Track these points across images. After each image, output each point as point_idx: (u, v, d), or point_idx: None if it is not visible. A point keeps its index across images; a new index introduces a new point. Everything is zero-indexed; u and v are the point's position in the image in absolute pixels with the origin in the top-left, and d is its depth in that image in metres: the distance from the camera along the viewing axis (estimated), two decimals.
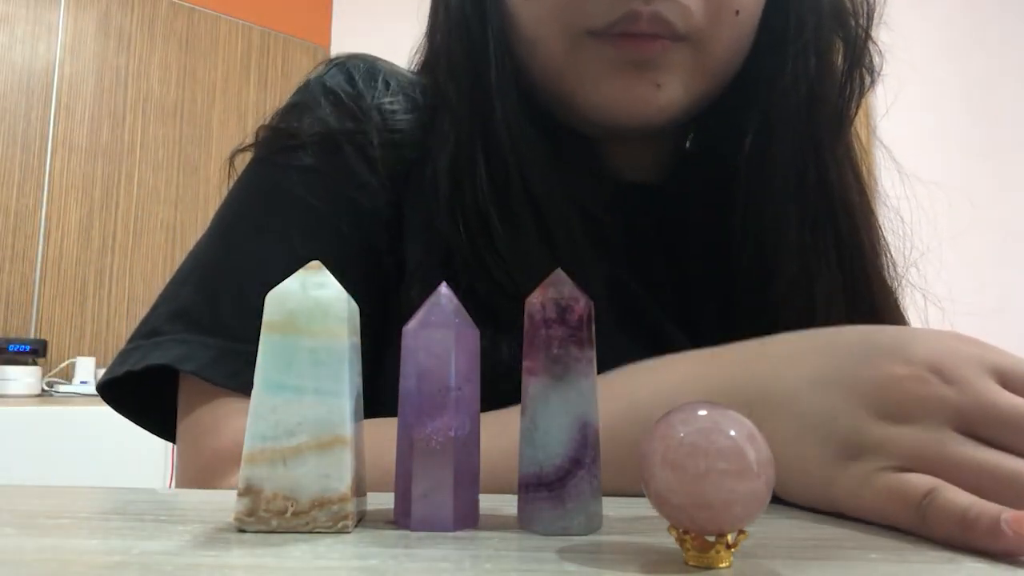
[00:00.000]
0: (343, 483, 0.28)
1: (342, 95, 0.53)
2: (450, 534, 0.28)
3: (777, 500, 0.33)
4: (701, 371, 0.36)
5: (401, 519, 0.29)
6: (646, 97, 0.47)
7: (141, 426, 0.51)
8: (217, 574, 0.23)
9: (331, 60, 0.57)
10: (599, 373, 0.29)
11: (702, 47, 0.47)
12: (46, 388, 2.48)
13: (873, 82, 0.55)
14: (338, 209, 0.50)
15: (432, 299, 0.30)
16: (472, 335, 0.30)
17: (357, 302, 0.31)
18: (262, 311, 0.28)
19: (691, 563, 0.24)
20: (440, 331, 0.29)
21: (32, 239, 2.69)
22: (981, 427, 0.29)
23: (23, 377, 2.37)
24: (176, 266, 0.52)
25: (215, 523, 0.29)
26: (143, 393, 0.49)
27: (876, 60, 0.55)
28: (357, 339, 0.31)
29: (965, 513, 0.26)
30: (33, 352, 2.53)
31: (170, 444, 0.61)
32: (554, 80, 0.49)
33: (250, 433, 0.28)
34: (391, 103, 0.53)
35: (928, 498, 0.27)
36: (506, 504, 0.32)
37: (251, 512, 0.28)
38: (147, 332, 0.47)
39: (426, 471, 0.29)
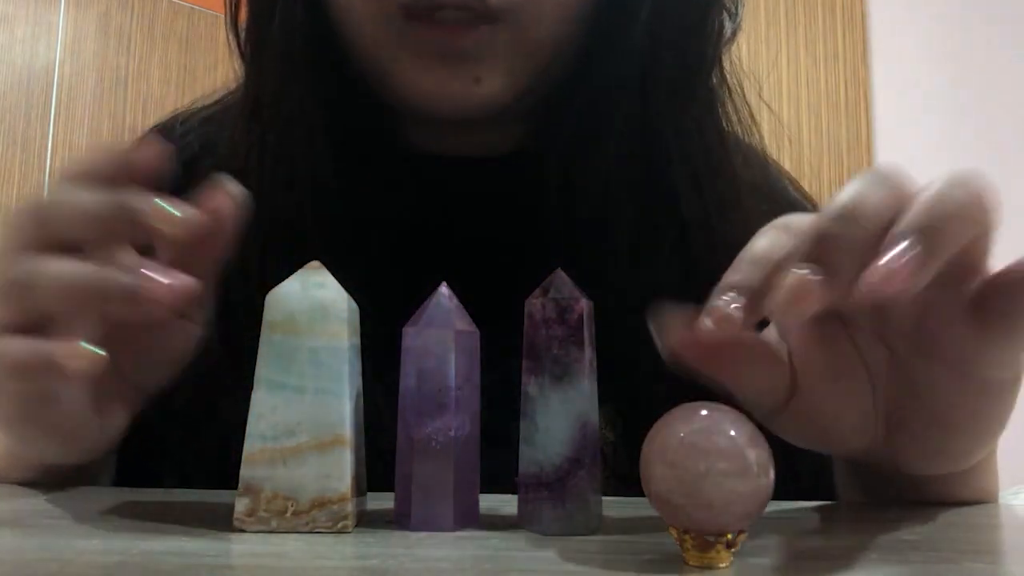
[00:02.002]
0: (343, 483, 0.28)
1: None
2: (450, 534, 0.28)
3: (777, 499, 0.33)
4: None
5: (401, 519, 0.29)
6: (463, 92, 0.43)
7: None
8: (217, 574, 0.23)
9: None
10: None
11: (520, 26, 0.42)
12: None
13: (734, 30, 0.47)
14: None
15: (432, 299, 0.30)
16: (472, 335, 0.30)
17: None
18: None
19: (691, 563, 0.24)
20: (440, 331, 0.29)
21: None
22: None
23: None
24: None
25: (215, 523, 0.29)
26: None
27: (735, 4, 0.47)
28: (357, 339, 0.31)
29: None
30: None
31: None
32: (365, 59, 0.45)
33: (250, 433, 0.28)
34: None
35: None
36: (506, 504, 0.32)
37: (251, 512, 0.28)
38: None
39: (426, 471, 0.29)
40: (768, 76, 2.47)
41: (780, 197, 0.53)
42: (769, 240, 0.28)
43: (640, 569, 0.24)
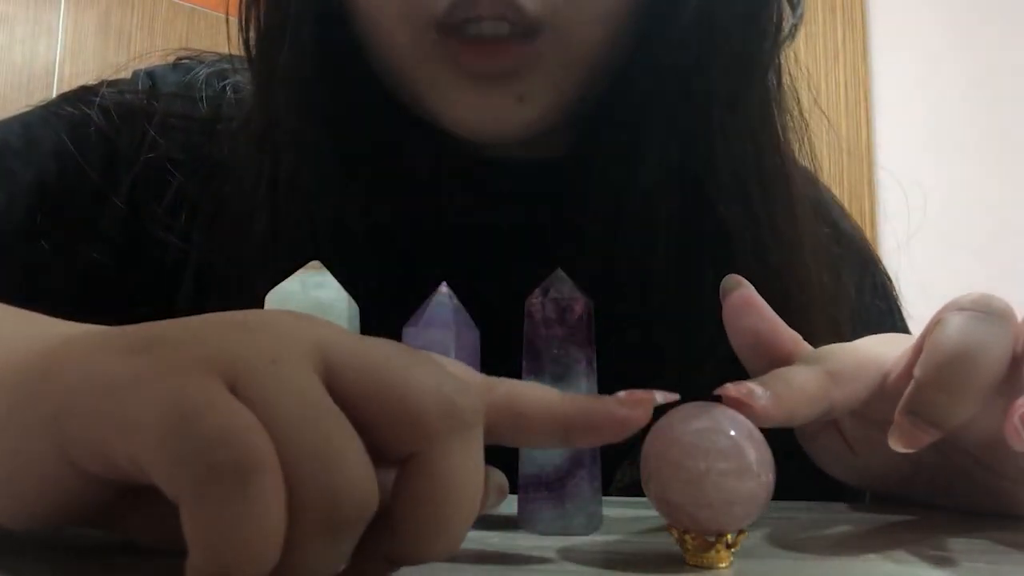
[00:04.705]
0: None
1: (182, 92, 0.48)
2: None
3: (777, 499, 0.33)
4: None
5: None
6: (505, 115, 0.40)
7: None
8: None
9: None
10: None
11: (562, 36, 0.38)
12: None
13: (795, 24, 0.44)
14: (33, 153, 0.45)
15: (432, 299, 0.30)
16: (472, 335, 0.30)
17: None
18: None
19: (691, 563, 0.24)
20: (440, 331, 0.29)
21: None
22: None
23: None
24: None
25: None
26: None
27: None
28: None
29: None
30: None
31: None
32: (399, 79, 0.42)
33: None
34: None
35: None
36: (506, 504, 0.32)
37: None
38: None
39: None
40: None
41: (836, 225, 0.52)
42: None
43: (640, 569, 0.24)
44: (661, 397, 0.24)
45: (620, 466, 0.43)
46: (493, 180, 0.46)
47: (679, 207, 0.43)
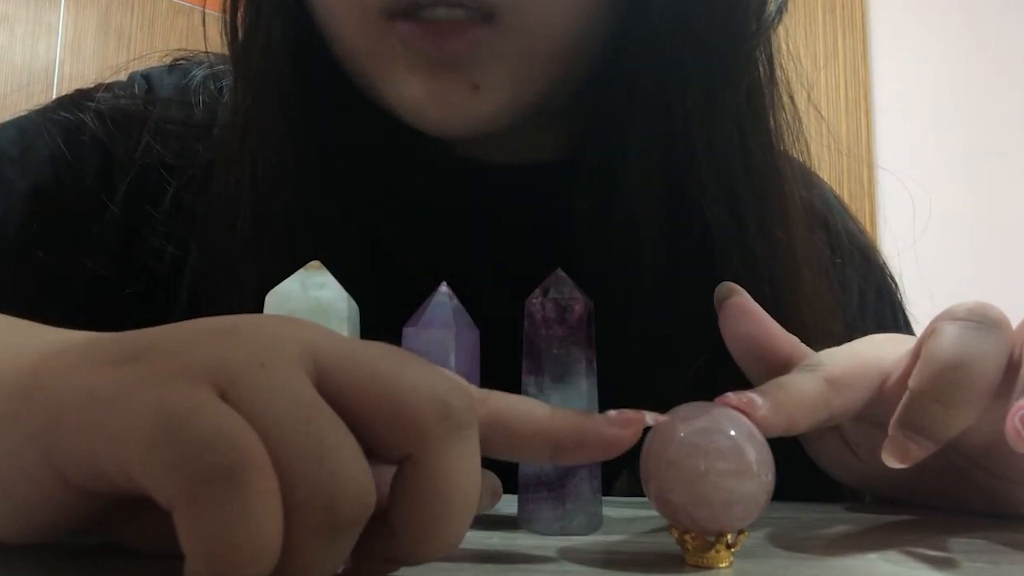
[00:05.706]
0: None
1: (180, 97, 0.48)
2: None
3: (777, 499, 0.33)
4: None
5: None
6: (459, 103, 0.38)
7: None
8: None
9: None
10: None
11: (521, 27, 0.37)
12: None
13: (779, 9, 0.42)
14: (30, 161, 0.44)
15: (432, 299, 0.30)
16: (472, 335, 0.30)
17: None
18: None
19: (691, 563, 0.24)
20: (440, 331, 0.29)
21: None
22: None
23: None
24: None
25: None
26: None
27: None
28: (357, 339, 0.30)
29: None
30: None
31: None
32: (355, 71, 0.41)
33: None
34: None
35: None
36: (506, 504, 0.32)
37: None
38: None
39: None
40: None
41: (836, 226, 0.51)
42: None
43: (640, 569, 0.24)
44: (651, 419, 0.24)
45: (619, 476, 0.42)
46: (493, 181, 0.46)
47: (664, 206, 0.41)
